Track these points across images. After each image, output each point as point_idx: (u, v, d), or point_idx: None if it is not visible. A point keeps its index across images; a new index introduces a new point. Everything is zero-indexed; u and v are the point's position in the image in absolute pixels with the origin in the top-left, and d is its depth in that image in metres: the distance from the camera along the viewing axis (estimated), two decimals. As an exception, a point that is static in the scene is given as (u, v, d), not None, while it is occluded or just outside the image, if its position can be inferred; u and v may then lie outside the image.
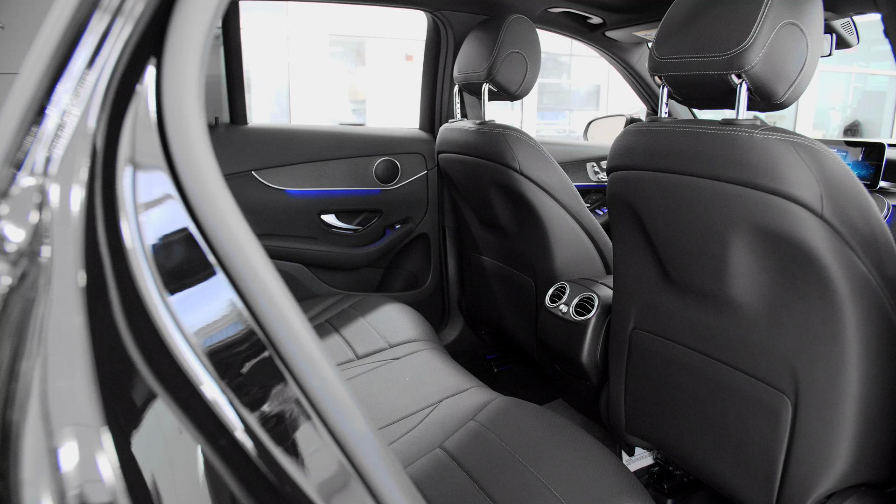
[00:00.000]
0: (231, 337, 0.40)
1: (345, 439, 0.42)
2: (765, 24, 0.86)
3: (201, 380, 0.39)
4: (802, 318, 0.92)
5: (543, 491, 0.92)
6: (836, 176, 0.85)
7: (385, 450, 0.43)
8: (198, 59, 0.40)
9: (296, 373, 0.41)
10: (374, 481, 0.42)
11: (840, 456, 0.93)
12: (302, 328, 0.41)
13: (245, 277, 0.39)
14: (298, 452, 0.41)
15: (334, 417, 0.41)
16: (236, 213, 0.40)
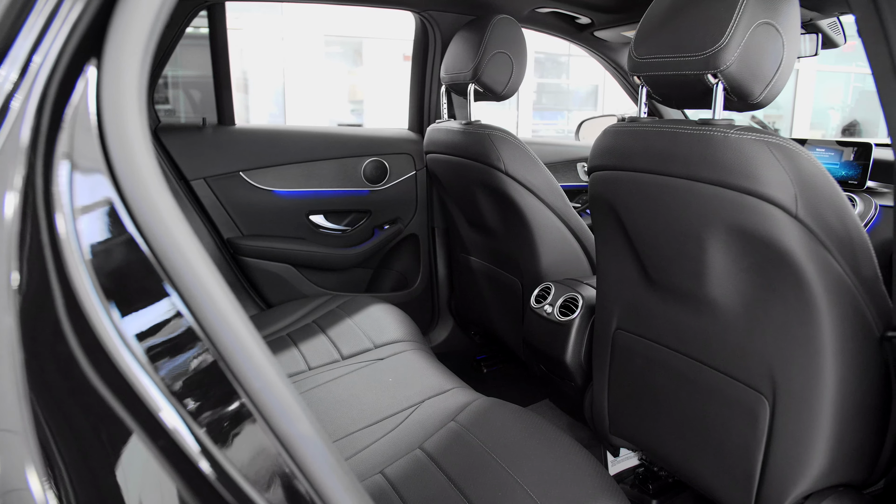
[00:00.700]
0: (172, 340, 0.40)
1: (288, 440, 0.41)
2: (740, 24, 0.86)
3: (142, 382, 0.38)
4: (779, 318, 0.92)
5: (520, 492, 0.91)
6: (810, 176, 0.85)
7: (331, 450, 0.43)
8: (138, 60, 0.40)
9: (238, 375, 0.40)
10: (318, 482, 0.42)
11: (817, 457, 0.92)
12: (244, 330, 0.41)
13: (184, 278, 0.39)
14: (241, 453, 0.41)
15: (277, 419, 0.41)
16: (176, 215, 0.40)
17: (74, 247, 0.38)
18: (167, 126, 1.74)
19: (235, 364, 0.40)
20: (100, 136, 0.39)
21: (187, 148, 1.73)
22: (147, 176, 0.39)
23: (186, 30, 1.70)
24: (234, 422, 0.41)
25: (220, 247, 1.80)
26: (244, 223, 1.81)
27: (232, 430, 0.41)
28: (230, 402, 0.41)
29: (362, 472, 1.05)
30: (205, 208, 1.76)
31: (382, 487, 0.99)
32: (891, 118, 0.78)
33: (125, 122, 0.39)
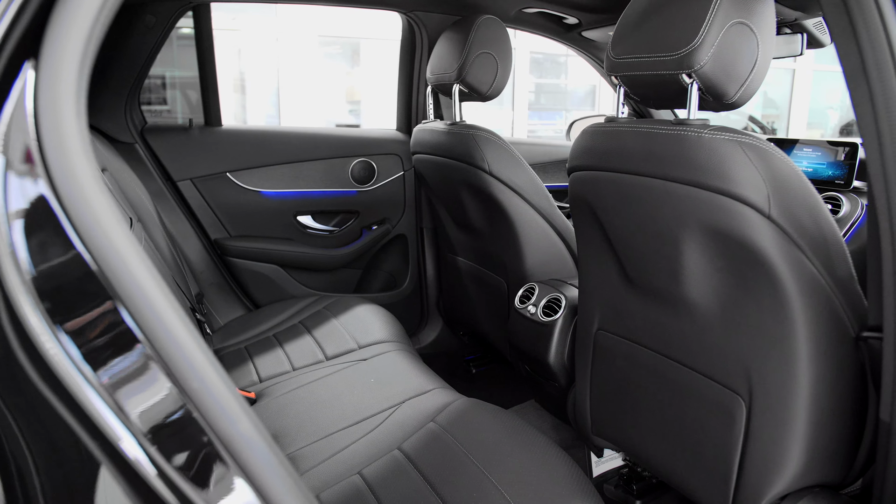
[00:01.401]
0: (109, 340, 0.40)
1: (229, 441, 0.41)
2: (713, 24, 0.86)
3: (81, 388, 0.38)
4: (755, 319, 0.92)
5: (494, 493, 0.91)
6: (783, 176, 0.85)
7: (272, 450, 0.43)
8: (76, 61, 0.40)
9: (175, 375, 0.40)
10: (260, 481, 0.42)
11: (792, 457, 0.92)
12: (182, 331, 0.41)
13: (121, 278, 0.39)
14: (180, 453, 0.41)
15: (216, 419, 0.41)
16: (114, 218, 0.40)
17: (6, 250, 0.38)
18: (153, 127, 1.74)
19: (173, 363, 0.40)
20: (37, 138, 0.39)
21: (174, 149, 1.73)
22: (83, 177, 0.39)
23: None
24: (173, 422, 0.41)
25: (207, 248, 1.80)
26: (232, 224, 1.81)
27: (171, 429, 0.41)
28: (167, 402, 0.41)
29: (340, 472, 1.04)
30: (192, 209, 1.76)
31: (359, 488, 0.99)
32: (862, 117, 0.78)
33: (62, 124, 0.39)
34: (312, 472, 1.06)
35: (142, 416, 0.40)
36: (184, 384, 0.40)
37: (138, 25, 1.56)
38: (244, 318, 1.73)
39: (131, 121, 1.67)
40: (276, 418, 1.24)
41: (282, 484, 0.43)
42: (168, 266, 1.48)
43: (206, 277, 1.79)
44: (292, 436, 1.17)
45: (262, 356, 1.50)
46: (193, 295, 1.64)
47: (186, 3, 1.59)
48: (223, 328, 1.71)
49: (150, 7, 1.55)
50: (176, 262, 1.57)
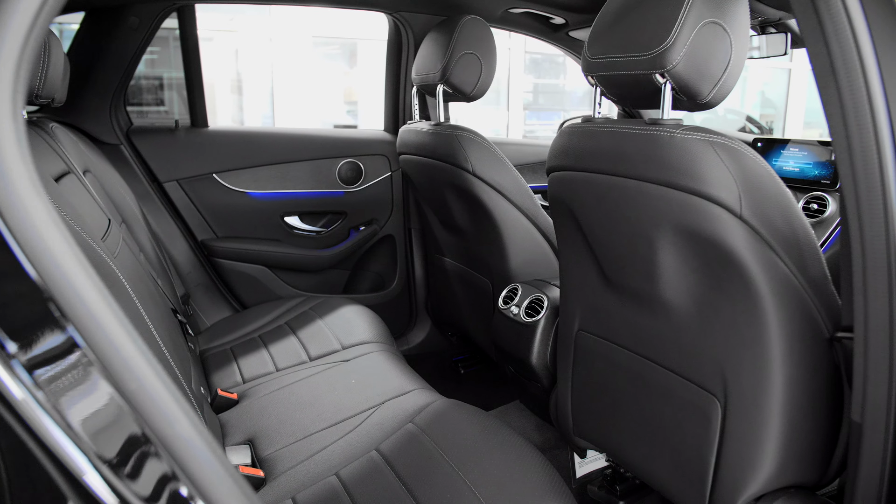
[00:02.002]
0: (41, 334, 0.40)
1: (167, 441, 0.41)
2: (686, 24, 0.86)
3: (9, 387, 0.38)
4: (729, 319, 0.92)
5: (468, 494, 0.91)
6: (755, 176, 0.85)
7: (213, 451, 0.43)
8: (13, 62, 0.40)
9: (112, 376, 0.40)
10: (200, 483, 0.42)
11: (766, 458, 0.92)
12: (118, 330, 0.40)
13: (56, 279, 0.39)
14: (116, 453, 0.41)
15: (154, 420, 0.41)
16: (50, 219, 0.39)
17: None
18: (139, 128, 1.74)
19: (109, 364, 0.40)
20: None
21: (160, 150, 1.73)
22: (17, 179, 0.39)
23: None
24: (110, 423, 0.41)
25: (194, 249, 1.80)
26: (218, 225, 1.81)
27: (107, 430, 0.41)
28: (106, 403, 0.41)
29: (318, 473, 1.04)
30: (178, 210, 1.76)
31: (335, 489, 0.99)
32: (831, 117, 0.78)
33: None
34: (290, 472, 1.06)
35: (84, 423, 0.40)
36: (121, 386, 0.40)
37: (122, 27, 1.56)
38: (231, 319, 1.73)
39: (116, 122, 1.67)
40: (256, 419, 1.24)
41: (222, 485, 0.43)
42: (152, 267, 1.48)
43: (193, 278, 1.79)
44: (272, 436, 1.17)
45: (247, 357, 1.50)
46: (179, 296, 1.64)
47: (170, 4, 1.59)
48: (209, 329, 1.71)
49: (133, 9, 1.55)
50: (161, 263, 1.57)
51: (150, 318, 0.98)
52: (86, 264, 0.40)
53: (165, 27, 1.68)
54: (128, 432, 0.41)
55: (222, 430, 1.23)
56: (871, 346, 0.77)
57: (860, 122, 0.74)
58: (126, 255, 1.09)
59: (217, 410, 1.30)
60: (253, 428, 1.21)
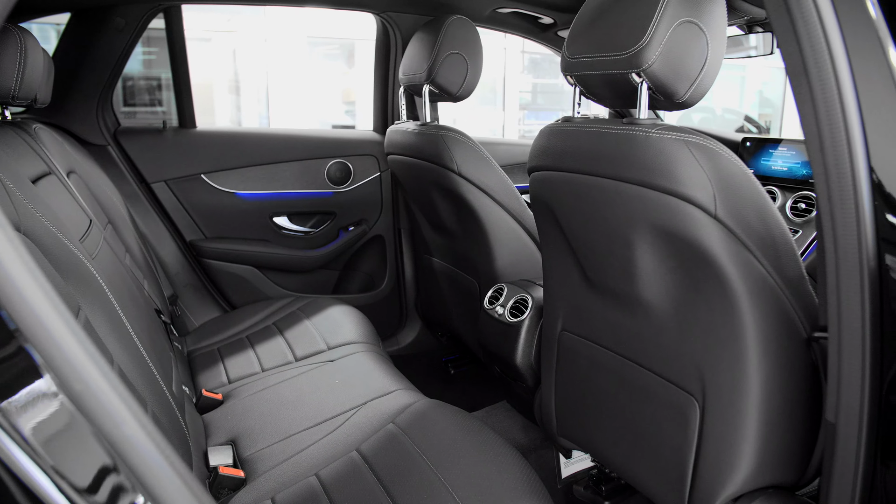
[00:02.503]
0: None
1: (114, 442, 0.41)
2: (661, 23, 0.86)
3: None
4: (706, 319, 0.92)
5: (444, 494, 0.91)
6: (730, 176, 0.84)
7: (163, 452, 0.43)
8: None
9: (58, 377, 0.40)
10: (149, 484, 0.42)
11: (744, 458, 0.92)
12: (62, 329, 0.40)
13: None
14: (63, 456, 0.41)
15: (100, 421, 0.41)
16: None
17: None
18: (127, 129, 1.74)
19: (54, 365, 0.40)
20: None
21: (147, 151, 1.73)
22: None
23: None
24: (55, 426, 0.41)
25: (182, 249, 1.80)
26: (207, 225, 1.81)
27: (54, 433, 0.41)
28: (50, 406, 0.41)
29: (298, 473, 1.04)
30: (166, 211, 1.76)
31: (314, 489, 0.99)
32: (804, 116, 0.78)
33: None
34: (270, 473, 1.06)
35: (30, 426, 0.40)
36: (66, 386, 0.40)
37: (107, 28, 1.57)
38: (219, 320, 1.73)
39: (104, 123, 1.67)
40: (240, 419, 1.24)
41: (172, 486, 0.43)
42: (139, 268, 1.48)
43: (181, 279, 1.79)
44: (254, 437, 1.17)
45: (234, 357, 1.50)
46: (166, 297, 1.64)
47: (156, 5, 1.59)
48: (198, 330, 1.71)
49: (119, 10, 1.55)
50: (148, 263, 1.57)
51: (128, 318, 0.98)
52: (27, 259, 0.40)
53: (159, 28, 1.68)
54: (74, 433, 0.41)
55: (206, 431, 1.23)
56: (845, 345, 0.77)
57: (832, 121, 0.74)
58: (106, 256, 1.09)
59: (202, 411, 1.30)
60: (236, 428, 1.21)
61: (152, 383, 0.95)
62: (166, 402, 0.98)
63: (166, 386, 1.01)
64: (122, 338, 0.92)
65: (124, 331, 0.94)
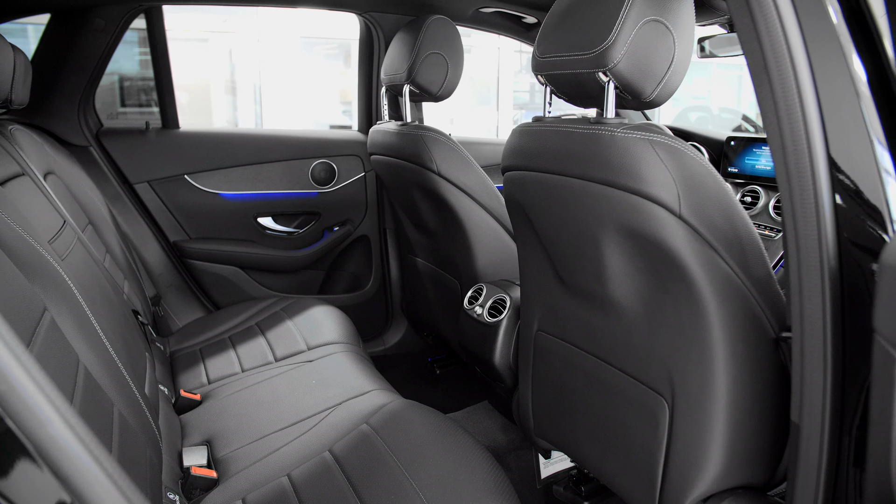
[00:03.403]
0: None
1: (38, 443, 0.41)
2: (626, 22, 0.85)
3: None
4: (674, 319, 0.91)
5: (412, 495, 0.91)
6: (694, 175, 0.84)
7: (91, 453, 0.43)
8: None
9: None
10: (74, 483, 0.42)
11: (712, 458, 0.91)
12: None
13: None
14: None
15: (25, 421, 0.41)
16: None
17: None
18: (109, 130, 1.74)
19: None
20: None
21: (130, 152, 1.73)
22: None
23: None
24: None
25: (166, 250, 1.80)
26: (191, 226, 1.82)
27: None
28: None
29: (270, 474, 1.04)
30: (150, 212, 1.76)
31: (285, 490, 0.99)
32: (766, 115, 0.78)
33: None
34: (243, 473, 1.06)
35: None
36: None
37: (87, 29, 1.57)
38: (203, 320, 1.73)
39: (85, 124, 1.67)
40: (216, 420, 1.24)
41: (99, 487, 0.42)
42: (120, 268, 1.48)
43: (165, 279, 1.79)
44: (229, 437, 1.17)
45: (215, 358, 1.50)
46: (148, 297, 1.64)
47: (136, 6, 1.59)
48: (181, 330, 1.71)
49: (98, 10, 1.55)
50: (129, 264, 1.57)
51: (97, 319, 0.98)
52: None
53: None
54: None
55: (182, 431, 1.23)
56: (807, 345, 0.77)
57: (791, 119, 0.74)
58: (78, 257, 1.09)
59: (180, 411, 1.30)
60: (212, 429, 1.21)
61: (121, 384, 0.95)
62: (135, 402, 0.98)
63: (137, 387, 1.01)
64: (89, 338, 0.92)
65: (92, 331, 0.94)
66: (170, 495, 0.98)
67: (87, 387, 0.82)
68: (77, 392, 0.79)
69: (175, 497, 0.98)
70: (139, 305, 1.44)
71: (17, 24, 1.59)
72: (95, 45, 1.59)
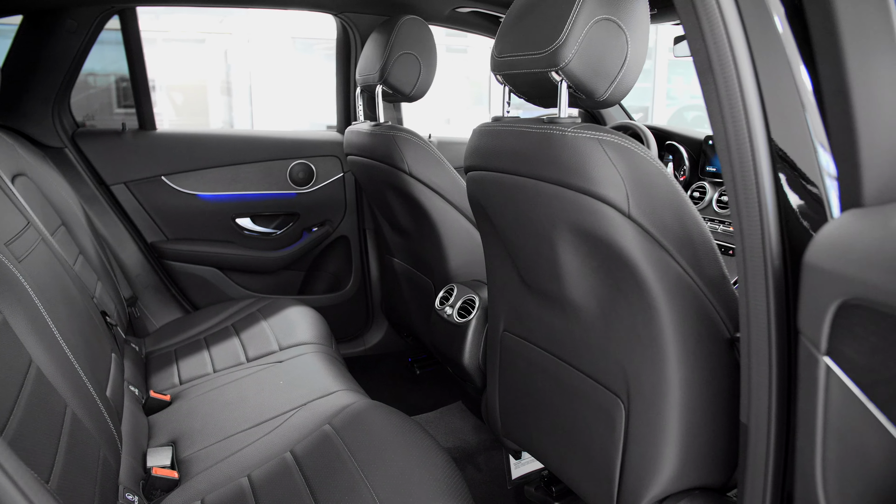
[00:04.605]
0: None
1: None
2: (577, 21, 0.85)
3: None
4: (627, 320, 0.91)
5: (367, 495, 0.91)
6: (644, 175, 0.84)
7: None
8: None
9: None
10: None
11: (667, 460, 0.91)
12: None
13: None
14: None
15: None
16: None
17: None
18: (85, 132, 1.74)
19: None
20: None
21: (106, 153, 1.73)
22: None
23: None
24: None
25: (143, 251, 1.81)
26: (168, 227, 1.82)
27: None
28: None
29: (231, 474, 1.04)
30: (127, 213, 1.76)
31: (243, 490, 0.99)
32: (712, 114, 0.77)
33: None
34: (204, 473, 1.06)
35: None
36: None
37: (59, 30, 1.57)
38: (180, 321, 1.73)
39: (60, 125, 1.68)
40: (183, 420, 1.24)
41: None
42: (94, 270, 1.48)
43: (142, 280, 1.79)
44: (194, 438, 1.17)
45: (188, 359, 1.50)
46: (124, 298, 1.65)
47: (108, 7, 1.60)
48: (158, 331, 1.71)
49: (70, 12, 1.55)
50: (104, 265, 1.57)
51: (56, 320, 0.98)
52: None
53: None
54: None
55: (150, 432, 1.23)
56: (754, 346, 0.76)
57: (735, 118, 0.73)
58: (40, 259, 1.09)
59: (149, 412, 1.30)
60: (178, 429, 1.21)
61: (77, 385, 0.95)
62: (92, 403, 0.98)
63: (96, 388, 1.01)
64: (45, 340, 0.92)
65: (48, 333, 0.94)
66: (128, 496, 0.98)
67: (36, 387, 0.82)
68: (24, 392, 0.79)
69: (134, 498, 0.99)
70: (111, 306, 1.44)
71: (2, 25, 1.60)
72: (68, 46, 1.59)
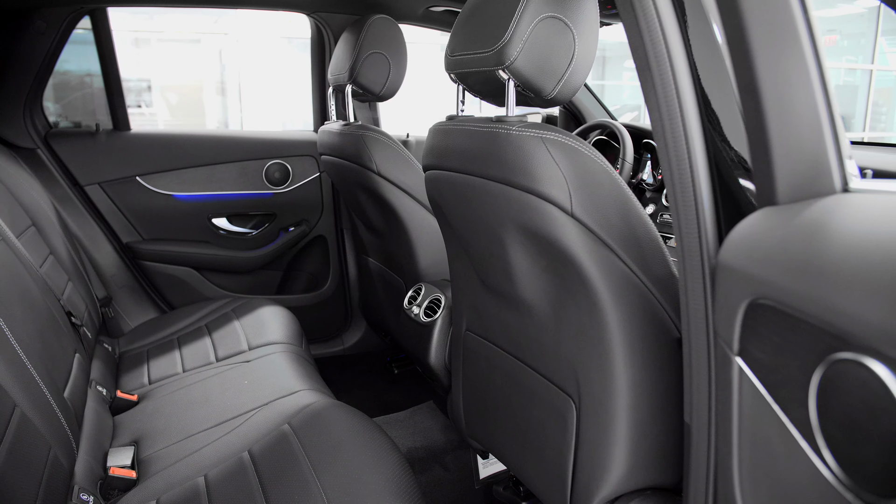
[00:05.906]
0: None
1: None
2: (523, 19, 0.85)
3: None
4: (576, 319, 0.91)
5: (317, 495, 0.91)
6: (587, 173, 0.83)
7: None
8: None
9: None
10: None
11: (616, 460, 0.91)
12: None
13: None
14: None
15: None
16: None
17: None
18: (59, 132, 1.74)
19: None
20: None
21: (80, 154, 1.73)
22: None
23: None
24: None
25: (119, 251, 1.81)
26: (144, 227, 1.82)
27: None
28: None
29: (188, 474, 1.04)
30: (101, 213, 1.76)
31: (198, 490, 0.99)
32: (651, 111, 0.77)
33: None
34: (162, 473, 1.06)
35: None
36: None
37: (28, 31, 1.57)
38: (155, 321, 1.74)
39: (32, 126, 1.68)
40: (147, 420, 1.24)
41: None
42: (65, 270, 1.48)
43: (118, 281, 1.79)
44: (156, 437, 1.17)
45: (159, 359, 1.50)
46: (98, 299, 1.65)
47: (78, 8, 1.60)
48: (133, 331, 1.71)
49: (39, 12, 1.55)
50: (76, 266, 1.57)
51: (10, 321, 0.98)
52: None
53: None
54: None
55: (114, 432, 1.23)
56: (693, 346, 0.76)
57: (671, 113, 0.73)
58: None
59: (116, 412, 1.30)
60: (142, 429, 1.21)
61: (29, 386, 0.95)
62: (45, 404, 0.98)
63: (50, 389, 1.01)
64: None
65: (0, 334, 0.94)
66: (83, 496, 0.98)
67: None
68: None
69: (89, 498, 0.99)
70: (80, 307, 1.45)
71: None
72: (38, 47, 1.59)
